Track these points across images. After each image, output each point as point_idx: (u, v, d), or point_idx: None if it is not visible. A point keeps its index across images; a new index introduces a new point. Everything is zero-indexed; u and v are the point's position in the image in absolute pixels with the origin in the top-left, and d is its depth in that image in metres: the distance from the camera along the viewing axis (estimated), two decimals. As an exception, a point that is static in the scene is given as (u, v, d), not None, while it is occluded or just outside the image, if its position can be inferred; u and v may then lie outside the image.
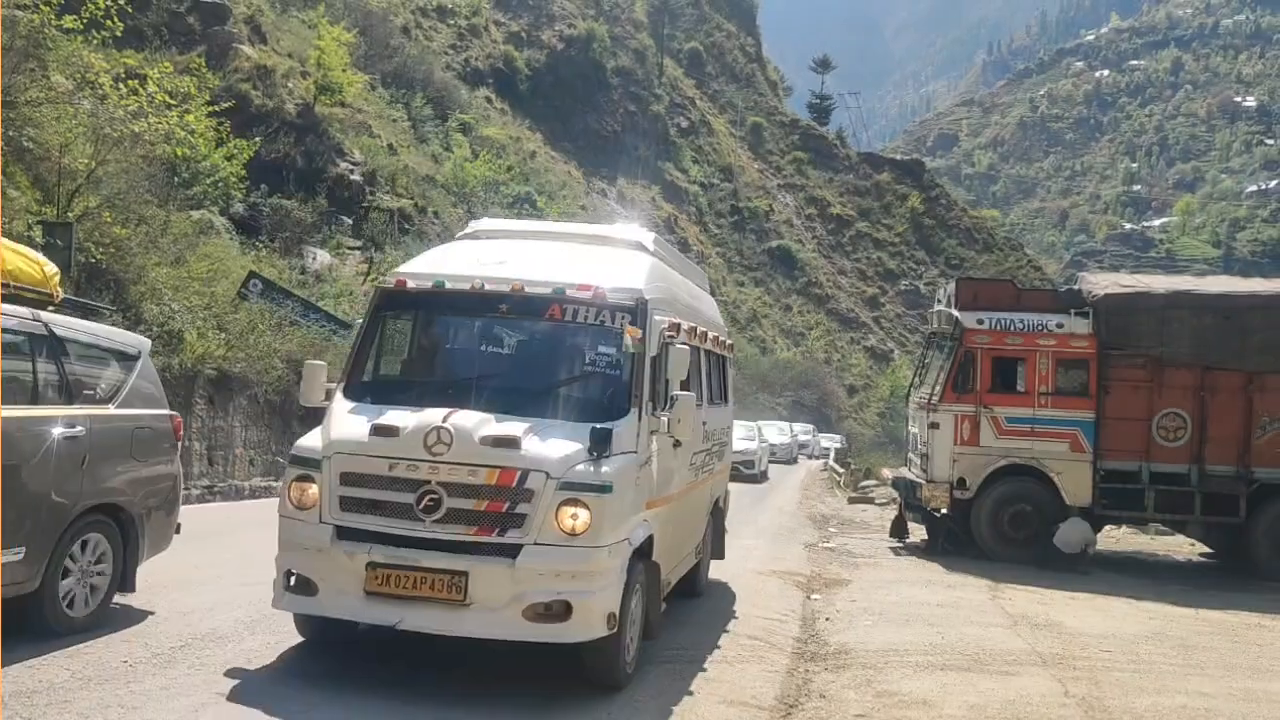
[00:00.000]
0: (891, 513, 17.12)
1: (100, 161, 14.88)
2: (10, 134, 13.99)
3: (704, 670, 7.46)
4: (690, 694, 6.82)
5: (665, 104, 71.70)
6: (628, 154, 64.52)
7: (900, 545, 15.55)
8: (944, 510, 14.73)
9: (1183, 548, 17.12)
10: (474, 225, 8.66)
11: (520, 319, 7.17)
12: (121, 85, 16.12)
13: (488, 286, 6.90)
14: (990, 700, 7.20)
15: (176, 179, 19.52)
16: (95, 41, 16.59)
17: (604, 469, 6.17)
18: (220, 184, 21.10)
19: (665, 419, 6.89)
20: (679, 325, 7.66)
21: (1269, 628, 10.79)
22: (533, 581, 5.99)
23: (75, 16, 15.55)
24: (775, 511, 20.19)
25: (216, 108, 19.96)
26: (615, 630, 6.24)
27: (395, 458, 6.11)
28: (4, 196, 13.44)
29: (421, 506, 6.05)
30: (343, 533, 6.17)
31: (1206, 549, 16.04)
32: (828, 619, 9.89)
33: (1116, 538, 17.98)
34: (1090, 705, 7.25)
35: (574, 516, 6.01)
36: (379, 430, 6.20)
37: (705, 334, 9.03)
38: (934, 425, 14.50)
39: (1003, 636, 9.39)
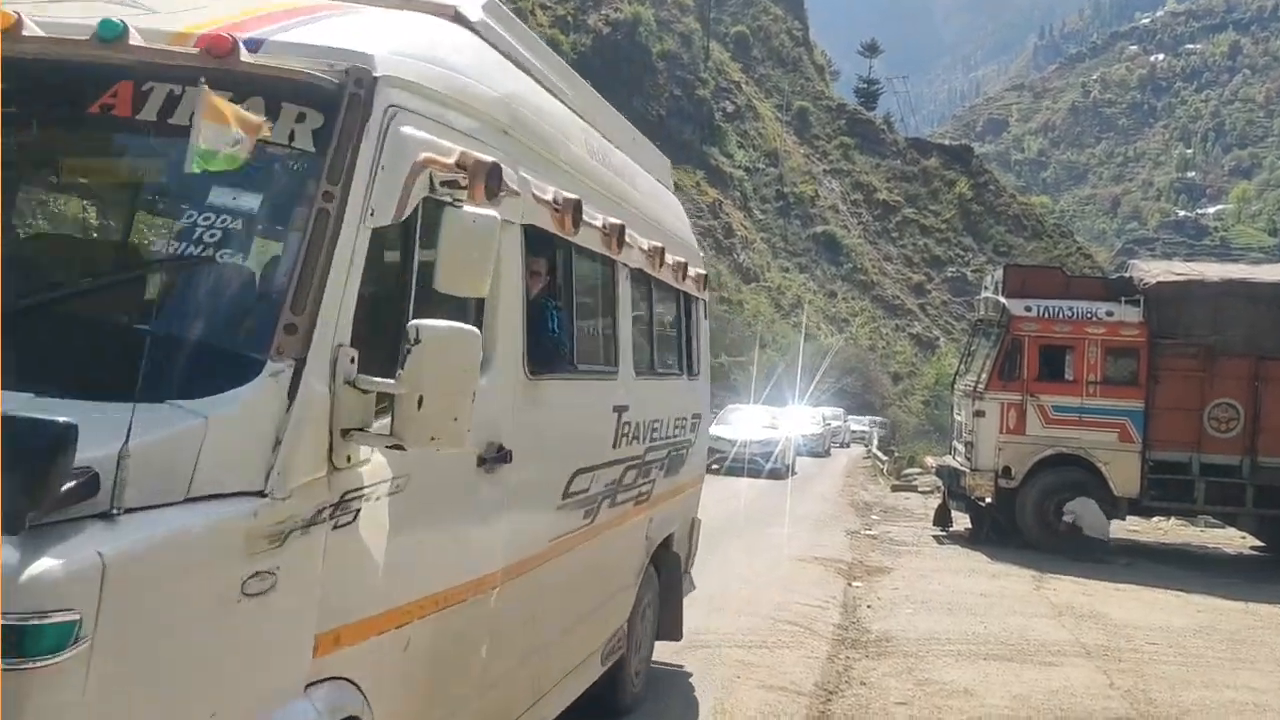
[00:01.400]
0: (935, 501, 17.01)
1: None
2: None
3: (743, 655, 7.45)
4: (729, 679, 6.81)
5: (711, 88, 71.40)
6: (673, 138, 64.27)
7: (943, 534, 15.44)
8: (988, 499, 14.64)
9: (1233, 540, 16.86)
10: None
11: (24, 110, 2.76)
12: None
13: None
14: (1033, 691, 7.14)
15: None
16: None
17: (51, 565, 1.87)
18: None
19: (394, 393, 2.60)
20: (498, 172, 3.09)
21: (1322, 623, 10.59)
22: None
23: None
24: (816, 499, 20.13)
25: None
26: None
27: None
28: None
29: None
30: None
31: (1258, 542, 15.78)
32: (869, 606, 9.85)
33: (1165, 529, 17.75)
34: (1135, 698, 7.16)
35: None
36: None
37: (630, 237, 4.96)
38: (979, 413, 14.39)
39: (1046, 627, 9.31)
